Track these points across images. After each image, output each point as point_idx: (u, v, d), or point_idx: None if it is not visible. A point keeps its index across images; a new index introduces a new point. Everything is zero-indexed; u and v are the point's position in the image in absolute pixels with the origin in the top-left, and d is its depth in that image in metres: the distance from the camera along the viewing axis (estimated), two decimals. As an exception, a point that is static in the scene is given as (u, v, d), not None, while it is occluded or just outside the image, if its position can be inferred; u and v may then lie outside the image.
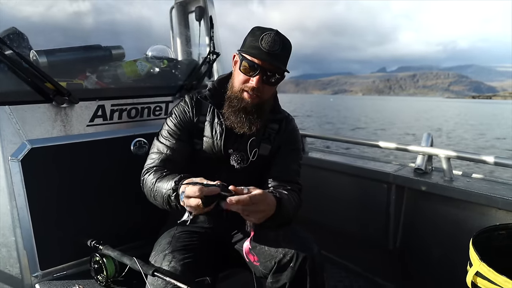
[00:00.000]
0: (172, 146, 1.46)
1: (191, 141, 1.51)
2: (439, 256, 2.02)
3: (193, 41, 2.44)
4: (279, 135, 1.56)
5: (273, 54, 1.33)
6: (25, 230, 1.49)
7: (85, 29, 2.18)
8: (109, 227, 1.72)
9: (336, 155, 2.67)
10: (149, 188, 1.37)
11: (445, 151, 1.99)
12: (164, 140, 1.48)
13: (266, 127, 1.54)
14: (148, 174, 1.41)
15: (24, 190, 1.48)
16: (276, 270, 1.31)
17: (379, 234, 2.28)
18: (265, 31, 1.35)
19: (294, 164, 1.58)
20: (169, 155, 1.45)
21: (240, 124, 1.42)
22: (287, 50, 1.39)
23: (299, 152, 1.62)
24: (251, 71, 1.36)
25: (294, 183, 1.53)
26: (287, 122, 1.60)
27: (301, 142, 1.64)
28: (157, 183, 1.32)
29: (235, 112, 1.42)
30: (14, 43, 1.67)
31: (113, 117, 1.77)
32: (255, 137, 1.50)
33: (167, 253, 1.32)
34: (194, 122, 1.51)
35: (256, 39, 1.34)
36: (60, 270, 1.61)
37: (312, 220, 2.10)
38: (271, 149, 1.54)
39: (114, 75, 1.90)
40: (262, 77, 1.36)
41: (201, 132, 1.51)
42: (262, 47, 1.33)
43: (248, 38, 1.39)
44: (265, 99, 1.44)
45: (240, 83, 1.40)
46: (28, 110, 1.53)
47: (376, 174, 2.25)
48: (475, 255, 1.20)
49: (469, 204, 1.86)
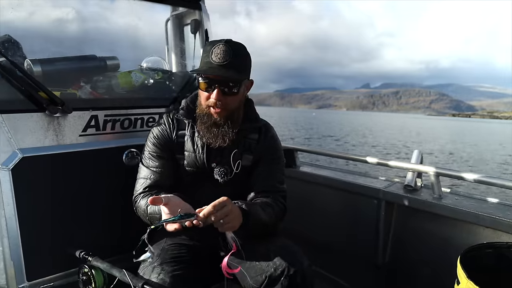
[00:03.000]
0: (156, 167, 1.50)
1: (173, 158, 1.53)
2: (427, 273, 2.02)
3: (188, 54, 2.46)
4: (259, 144, 1.57)
5: (225, 65, 1.34)
6: (12, 240, 1.47)
7: (80, 39, 2.18)
8: (99, 238, 1.70)
9: (327, 169, 2.69)
10: (142, 215, 1.45)
11: (435, 168, 2.02)
12: (147, 162, 1.51)
13: (245, 137, 1.55)
14: (138, 201, 1.47)
15: (13, 199, 1.47)
16: (267, 284, 1.31)
17: (368, 250, 2.28)
18: (214, 44, 1.37)
19: (277, 172, 1.59)
20: (155, 177, 1.49)
21: (215, 138, 1.45)
22: (240, 56, 1.40)
23: (281, 159, 1.64)
24: (208, 87, 1.39)
25: (277, 191, 1.54)
26: (266, 130, 1.61)
27: (281, 151, 1.65)
28: (149, 209, 1.41)
29: (207, 128, 1.45)
30: (8, 52, 1.67)
31: (106, 128, 1.77)
32: (237, 149, 1.51)
33: (156, 265, 1.32)
34: (173, 138, 1.53)
35: (208, 54, 1.37)
36: (47, 281, 1.58)
37: (301, 233, 2.10)
38: (253, 159, 1.55)
39: (109, 86, 1.91)
40: (220, 91, 1.38)
41: (181, 147, 1.52)
42: (213, 61, 1.35)
43: (202, 55, 1.43)
44: (233, 109, 1.45)
45: (204, 100, 1.43)
46: (20, 119, 1.52)
47: (366, 189, 2.27)
48: (463, 273, 1.21)
49: (457, 222, 1.88)
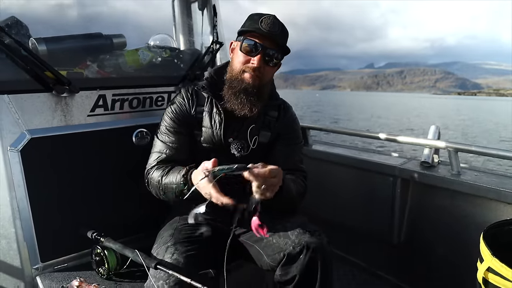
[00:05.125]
0: (172, 142, 1.46)
1: (191, 133, 1.50)
2: (445, 251, 1.99)
3: (195, 31, 2.39)
4: (278, 122, 1.56)
5: (273, 35, 1.36)
6: (25, 222, 1.47)
7: (86, 17, 2.13)
8: (111, 219, 1.69)
9: (340, 147, 2.64)
10: (156, 186, 1.41)
11: (453, 144, 1.95)
12: (163, 137, 1.48)
13: (265, 114, 1.53)
14: (152, 173, 1.43)
15: (23, 181, 1.46)
16: (285, 262, 1.30)
17: (384, 229, 2.25)
18: (263, 15, 1.39)
19: (296, 152, 1.59)
20: (170, 152, 1.45)
21: (241, 105, 1.41)
22: (286, 33, 1.43)
23: (300, 138, 1.63)
24: (253, 51, 1.38)
25: (299, 170, 1.53)
26: (286, 109, 1.61)
27: (300, 130, 1.65)
28: (164, 179, 1.36)
29: (235, 93, 1.41)
30: (13, 31, 1.63)
31: (114, 107, 1.74)
32: (255, 124, 1.49)
33: (169, 246, 1.30)
34: (192, 113, 1.50)
35: (256, 21, 1.37)
36: (61, 262, 1.58)
37: (314, 213, 2.07)
38: (270, 136, 1.53)
39: (116, 64, 1.87)
40: (263, 57, 1.38)
41: (200, 123, 1.50)
42: (262, 28, 1.35)
43: (247, 23, 1.41)
44: (265, 82, 1.45)
45: (240, 64, 1.40)
46: (27, 99, 1.49)
47: (381, 167, 2.21)
48: (487, 250, 1.17)
49: (477, 199, 1.82)
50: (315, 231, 1.34)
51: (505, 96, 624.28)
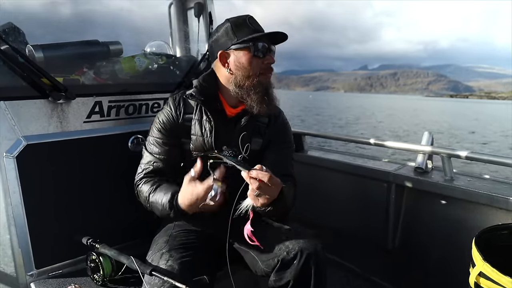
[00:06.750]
0: (160, 154, 1.47)
1: (179, 143, 1.49)
2: (439, 257, 2.00)
3: (192, 38, 2.41)
4: (269, 128, 1.55)
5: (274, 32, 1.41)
6: (20, 228, 1.47)
7: (82, 24, 2.14)
8: (106, 226, 1.69)
9: (335, 153, 2.65)
10: (144, 200, 1.44)
11: (446, 150, 1.98)
12: (151, 148, 1.48)
13: (256, 120, 1.51)
14: (140, 186, 1.45)
15: (19, 187, 1.46)
16: (279, 268, 1.30)
17: (378, 234, 2.26)
18: (240, 18, 1.42)
19: (287, 158, 1.58)
20: (158, 164, 1.46)
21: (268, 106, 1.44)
22: None
23: (291, 144, 1.62)
24: (266, 51, 1.42)
25: (289, 176, 1.52)
26: (276, 114, 1.59)
27: (291, 135, 1.64)
28: (151, 197, 1.39)
29: (261, 97, 1.42)
30: (9, 38, 1.64)
31: (110, 114, 1.75)
32: (246, 131, 1.48)
33: (164, 252, 1.30)
34: (179, 122, 1.48)
35: (245, 26, 1.40)
36: (55, 268, 1.58)
37: (309, 219, 2.08)
38: (262, 143, 1.52)
39: (112, 71, 1.88)
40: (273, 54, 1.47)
41: (188, 131, 1.48)
42: (258, 30, 1.41)
43: (240, 32, 1.39)
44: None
45: (256, 68, 1.41)
46: (23, 106, 1.50)
47: (376, 173, 2.23)
48: (478, 255, 1.18)
49: (469, 204, 1.84)
50: (309, 236, 1.35)
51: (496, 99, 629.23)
